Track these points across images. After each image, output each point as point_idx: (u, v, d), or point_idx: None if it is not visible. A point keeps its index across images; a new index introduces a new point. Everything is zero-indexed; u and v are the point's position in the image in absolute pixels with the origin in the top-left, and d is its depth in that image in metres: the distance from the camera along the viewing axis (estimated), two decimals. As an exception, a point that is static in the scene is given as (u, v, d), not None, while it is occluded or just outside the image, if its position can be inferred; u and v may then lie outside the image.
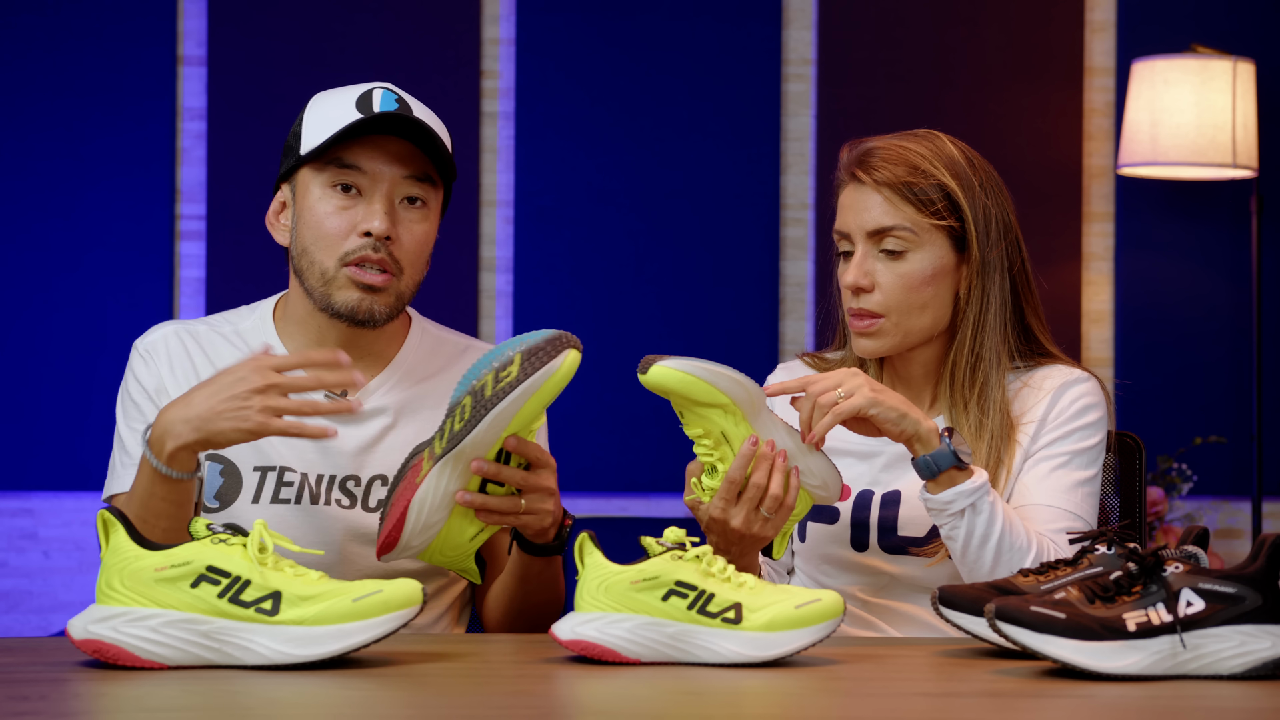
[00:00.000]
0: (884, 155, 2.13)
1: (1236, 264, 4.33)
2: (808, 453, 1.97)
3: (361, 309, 2.10)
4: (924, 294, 2.13)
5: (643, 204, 4.28)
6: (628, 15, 4.28)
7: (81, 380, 4.09)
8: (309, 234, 2.10)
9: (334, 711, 1.51)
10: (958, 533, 2.00)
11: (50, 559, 4.18)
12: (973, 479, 1.99)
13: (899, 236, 2.12)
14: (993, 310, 2.14)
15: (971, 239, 2.13)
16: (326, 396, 2.12)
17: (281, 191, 2.17)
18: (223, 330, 2.19)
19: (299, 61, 4.19)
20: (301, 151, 2.11)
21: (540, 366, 1.83)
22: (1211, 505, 4.34)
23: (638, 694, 1.59)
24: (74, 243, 4.15)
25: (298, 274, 2.13)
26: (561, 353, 1.84)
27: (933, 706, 1.58)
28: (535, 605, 2.11)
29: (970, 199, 2.13)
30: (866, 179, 2.13)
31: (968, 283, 2.14)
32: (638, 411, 4.23)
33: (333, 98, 2.13)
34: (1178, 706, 1.55)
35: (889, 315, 2.13)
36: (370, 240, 2.08)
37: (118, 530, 1.67)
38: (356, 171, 2.10)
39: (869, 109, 4.29)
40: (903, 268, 2.12)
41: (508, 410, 1.84)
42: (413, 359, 2.19)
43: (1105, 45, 4.38)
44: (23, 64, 4.16)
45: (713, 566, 1.75)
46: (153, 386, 2.14)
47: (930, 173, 2.12)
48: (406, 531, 1.89)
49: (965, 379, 2.14)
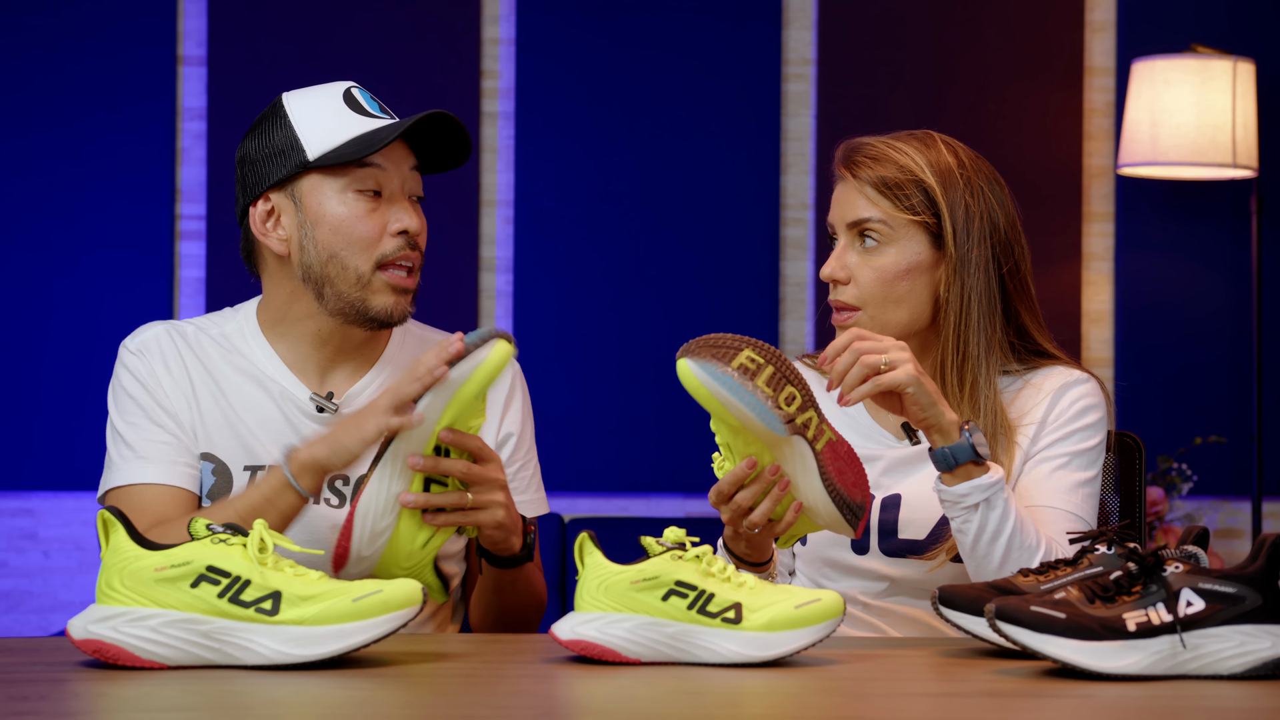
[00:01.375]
0: (868, 153, 2.17)
1: (1236, 264, 4.33)
2: (822, 497, 1.92)
3: (397, 311, 2.12)
4: (899, 288, 2.14)
5: (643, 204, 4.28)
6: (628, 15, 4.29)
7: (82, 380, 4.09)
8: (337, 240, 2.10)
9: (334, 711, 1.51)
10: (969, 526, 2.00)
11: (50, 559, 4.18)
12: (989, 474, 1.99)
13: (874, 229, 2.14)
14: (976, 309, 2.14)
15: (948, 236, 2.14)
16: (311, 398, 2.13)
17: (269, 199, 2.13)
18: (210, 333, 2.19)
19: (299, 61, 4.19)
20: (311, 158, 2.10)
21: (473, 358, 1.85)
22: (1211, 505, 4.34)
23: (638, 694, 1.59)
24: (73, 243, 4.15)
25: (315, 282, 2.12)
26: (490, 343, 1.86)
27: (933, 706, 1.58)
28: (515, 610, 2.13)
29: (949, 197, 2.14)
30: (849, 176, 2.17)
31: (946, 280, 2.15)
32: (638, 411, 4.23)
33: (314, 99, 2.12)
34: (1178, 706, 1.55)
35: (865, 307, 2.14)
36: (405, 239, 2.10)
37: (118, 530, 1.67)
38: (381, 172, 2.10)
39: (869, 109, 4.29)
40: (878, 260, 2.14)
41: (436, 402, 1.85)
42: (398, 358, 2.20)
43: (1105, 45, 4.38)
44: (23, 64, 4.16)
45: (713, 566, 1.75)
46: (148, 380, 2.15)
47: (911, 170, 2.14)
48: (355, 541, 1.89)
49: (954, 378, 2.14)
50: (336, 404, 2.14)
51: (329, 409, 2.14)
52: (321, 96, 2.12)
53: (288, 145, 2.11)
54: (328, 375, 2.17)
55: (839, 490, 1.92)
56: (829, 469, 1.91)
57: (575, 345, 4.25)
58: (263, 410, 2.14)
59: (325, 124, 2.10)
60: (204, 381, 2.15)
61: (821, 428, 1.91)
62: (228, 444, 2.13)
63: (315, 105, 2.12)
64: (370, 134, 2.09)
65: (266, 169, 2.13)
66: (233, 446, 2.12)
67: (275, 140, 2.12)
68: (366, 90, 2.16)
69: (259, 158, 2.13)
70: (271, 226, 2.14)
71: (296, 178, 2.12)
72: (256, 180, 2.14)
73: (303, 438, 2.12)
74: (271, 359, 2.16)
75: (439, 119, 2.11)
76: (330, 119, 2.10)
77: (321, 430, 2.03)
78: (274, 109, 2.13)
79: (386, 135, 2.07)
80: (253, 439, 2.13)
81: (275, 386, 2.15)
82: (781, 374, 1.88)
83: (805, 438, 1.90)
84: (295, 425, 2.14)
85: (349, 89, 2.13)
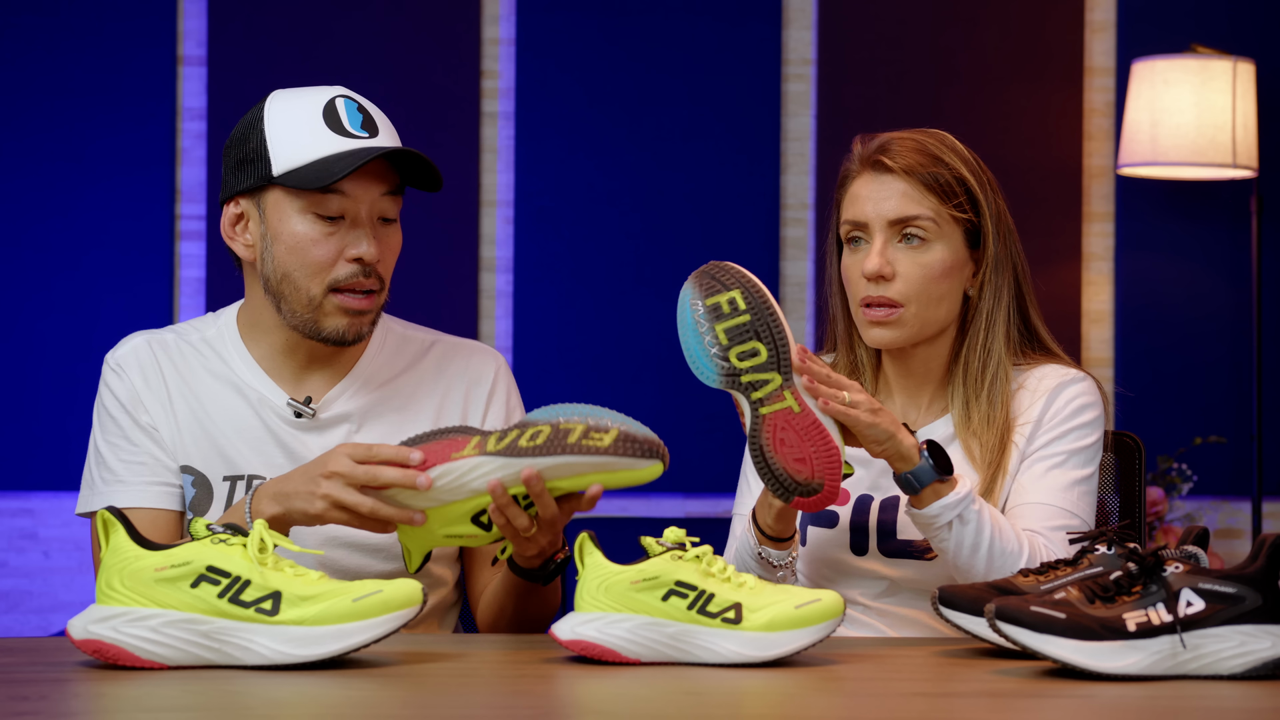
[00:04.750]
0: (908, 145, 2.15)
1: (1236, 264, 4.33)
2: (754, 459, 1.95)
3: (350, 333, 2.09)
4: (941, 286, 2.14)
5: (643, 204, 4.28)
6: (628, 15, 4.29)
7: (81, 380, 4.08)
8: (291, 260, 2.06)
9: (334, 711, 1.51)
10: (947, 544, 2.01)
11: (50, 559, 4.18)
12: (956, 491, 1.99)
13: (922, 225, 2.13)
14: (1002, 307, 2.17)
15: (988, 234, 2.15)
16: (289, 404, 2.13)
17: (239, 204, 2.10)
18: (190, 339, 2.18)
19: (299, 61, 4.19)
20: (275, 173, 2.05)
21: (628, 456, 1.84)
22: (1211, 505, 4.34)
23: (638, 694, 1.59)
24: (73, 243, 4.15)
25: (273, 295, 2.09)
26: (651, 460, 1.85)
27: (933, 706, 1.58)
28: (529, 617, 2.12)
29: (985, 195, 2.16)
30: (892, 164, 2.13)
31: (980, 279, 2.16)
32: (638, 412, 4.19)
33: (293, 109, 2.07)
34: (1178, 706, 1.55)
35: (909, 305, 2.13)
36: (360, 266, 2.06)
37: (118, 530, 1.67)
38: (342, 197, 2.06)
39: (869, 109, 4.29)
40: (924, 257, 2.13)
41: (577, 467, 1.85)
42: (376, 362, 2.18)
43: (1105, 45, 4.38)
44: (23, 64, 4.16)
45: (713, 567, 1.75)
46: (127, 399, 2.15)
47: (951, 164, 2.14)
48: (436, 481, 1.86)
49: (978, 374, 2.16)
50: (314, 409, 2.14)
51: (307, 414, 2.13)
52: (302, 105, 2.07)
53: (258, 154, 2.07)
54: (305, 380, 2.15)
55: (770, 458, 1.92)
56: (767, 435, 1.92)
57: (575, 345, 4.25)
58: (241, 419, 2.13)
59: (296, 139, 2.05)
60: (182, 393, 2.14)
61: (782, 394, 1.91)
62: (206, 455, 2.12)
63: (292, 116, 2.07)
64: (333, 159, 2.03)
65: (239, 173, 2.10)
66: (211, 457, 2.12)
67: (250, 144, 2.08)
68: (356, 100, 2.09)
69: (235, 158, 2.10)
70: (239, 231, 2.11)
71: (263, 190, 2.08)
72: (230, 181, 2.11)
73: (281, 444, 2.12)
74: (249, 364, 2.15)
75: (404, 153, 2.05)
76: (302, 134, 2.05)
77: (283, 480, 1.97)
78: (258, 108, 2.09)
79: (344, 167, 2.02)
80: (231, 449, 2.12)
81: (253, 393, 2.14)
82: (756, 328, 1.89)
83: (749, 397, 1.91)
84: (274, 432, 2.13)
85: (333, 99, 2.07)
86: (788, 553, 2.08)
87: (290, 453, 2.12)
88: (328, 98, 2.08)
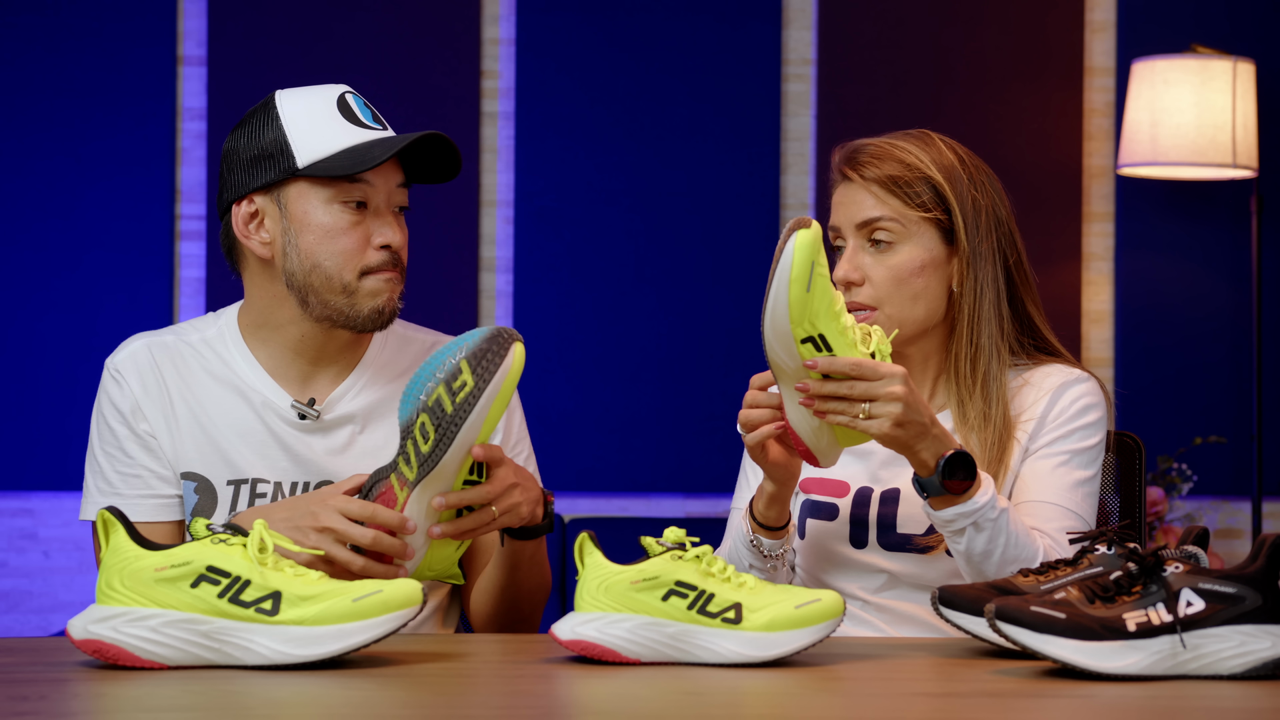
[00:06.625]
0: (872, 153, 2.17)
1: (1236, 264, 4.33)
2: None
3: (388, 309, 2.11)
4: (914, 285, 2.15)
5: (643, 204, 4.28)
6: (628, 15, 4.29)
7: (81, 381, 4.08)
8: (322, 249, 2.08)
9: (334, 711, 1.51)
10: (959, 546, 2.02)
11: (50, 559, 4.18)
12: (974, 499, 1.99)
13: (886, 228, 2.15)
14: (987, 300, 2.17)
15: (959, 231, 2.15)
16: (293, 405, 2.13)
17: (253, 201, 2.11)
18: (190, 339, 2.18)
19: (299, 61, 4.19)
20: (300, 165, 2.08)
21: (494, 370, 1.85)
22: (1211, 505, 4.34)
23: (638, 694, 1.59)
24: (73, 243, 4.15)
25: (299, 289, 2.10)
26: (508, 350, 1.86)
27: (933, 706, 1.58)
28: (526, 591, 2.13)
29: (957, 191, 2.16)
30: (855, 176, 2.17)
31: (959, 275, 2.16)
32: (638, 411, 4.23)
33: (307, 103, 2.10)
34: (1178, 706, 1.55)
35: (882, 307, 2.15)
36: (388, 253, 2.10)
37: (118, 530, 1.67)
38: (369, 187, 2.09)
39: (869, 109, 4.29)
40: (892, 259, 2.15)
41: (476, 423, 1.86)
42: (379, 361, 2.19)
43: (1105, 45, 4.38)
44: (23, 64, 4.16)
45: (713, 567, 1.75)
46: (127, 408, 2.15)
47: (917, 167, 2.16)
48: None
49: (967, 370, 2.16)
50: (318, 410, 2.14)
51: (310, 416, 2.13)
52: (315, 100, 2.10)
53: (277, 149, 2.09)
54: (309, 381, 2.16)
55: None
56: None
57: (575, 345, 4.25)
58: (244, 422, 2.13)
59: (317, 131, 2.08)
60: (183, 398, 2.14)
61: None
62: (209, 460, 2.13)
63: (308, 110, 2.09)
64: (363, 148, 2.07)
65: (253, 170, 2.11)
66: (214, 462, 2.12)
67: (265, 141, 2.10)
68: (361, 95, 2.14)
69: (246, 156, 2.11)
70: (254, 229, 2.12)
71: (283, 183, 2.10)
72: (242, 180, 2.12)
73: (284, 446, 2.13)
74: (252, 366, 2.15)
75: (432, 136, 2.10)
76: (323, 126, 2.08)
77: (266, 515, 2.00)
78: (265, 107, 2.11)
79: (379, 154, 2.06)
80: (234, 452, 2.12)
81: (256, 396, 2.14)
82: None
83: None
84: (277, 434, 2.13)
85: (343, 94, 2.11)
86: (780, 543, 2.09)
87: (294, 455, 2.12)
88: (337, 93, 2.12)
